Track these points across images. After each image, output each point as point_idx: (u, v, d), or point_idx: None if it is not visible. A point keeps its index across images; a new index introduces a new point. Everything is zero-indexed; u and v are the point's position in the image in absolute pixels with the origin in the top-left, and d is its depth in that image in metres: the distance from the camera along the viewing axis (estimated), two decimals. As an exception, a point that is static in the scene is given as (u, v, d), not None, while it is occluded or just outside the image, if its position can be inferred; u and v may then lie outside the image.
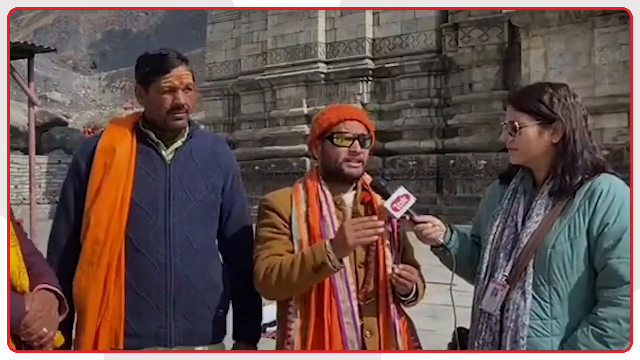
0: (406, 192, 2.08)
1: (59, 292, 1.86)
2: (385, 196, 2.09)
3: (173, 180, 2.15)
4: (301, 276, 1.97)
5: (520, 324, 1.88)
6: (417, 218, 2.09)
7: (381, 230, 1.98)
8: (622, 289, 1.80)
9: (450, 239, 2.14)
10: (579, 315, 1.87)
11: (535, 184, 2.04)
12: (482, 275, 2.02)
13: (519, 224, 1.98)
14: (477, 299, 2.04)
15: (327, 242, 1.96)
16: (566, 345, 1.85)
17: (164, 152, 2.18)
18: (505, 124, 2.03)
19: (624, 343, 1.81)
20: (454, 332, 2.10)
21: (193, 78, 2.19)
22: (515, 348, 1.89)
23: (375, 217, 1.99)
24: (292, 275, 1.98)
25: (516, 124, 1.97)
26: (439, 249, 2.14)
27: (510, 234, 1.98)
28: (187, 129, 2.23)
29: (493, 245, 2.02)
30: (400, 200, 2.06)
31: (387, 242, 2.12)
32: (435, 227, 2.09)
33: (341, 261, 1.97)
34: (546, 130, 1.96)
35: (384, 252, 2.10)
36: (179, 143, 2.20)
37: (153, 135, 2.18)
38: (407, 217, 2.08)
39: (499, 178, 2.18)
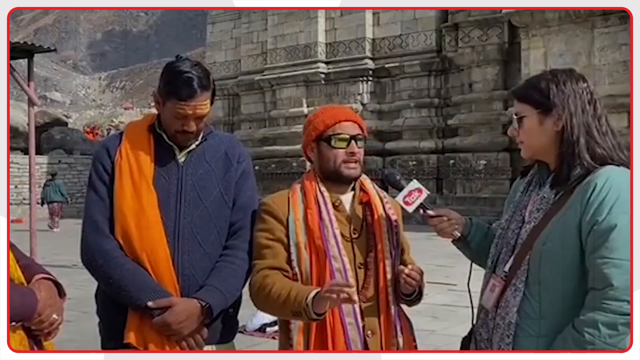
0: (419, 185, 2.05)
1: (56, 279, 1.88)
2: (399, 189, 2.07)
3: (185, 181, 2.15)
4: (282, 312, 2.03)
5: (507, 322, 1.82)
6: (431, 212, 2.04)
7: (345, 293, 1.82)
8: (605, 292, 1.66)
9: (469, 232, 2.07)
10: (570, 317, 1.74)
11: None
12: (487, 270, 1.98)
13: (526, 219, 1.90)
14: (481, 293, 1.99)
15: (312, 295, 1.91)
16: (552, 348, 1.75)
17: (177, 154, 2.19)
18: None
19: (606, 350, 1.65)
20: (470, 329, 2.07)
21: (213, 95, 2.16)
22: (502, 346, 1.82)
23: (350, 284, 1.86)
24: (275, 305, 2.01)
25: (516, 115, 1.92)
26: (458, 243, 2.09)
27: (515, 229, 1.91)
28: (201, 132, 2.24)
29: (499, 240, 1.96)
30: (412, 195, 2.04)
31: (386, 242, 2.11)
32: (451, 221, 2.04)
33: (320, 315, 1.92)
34: (547, 119, 1.86)
35: (382, 252, 2.10)
36: (192, 146, 2.20)
37: (166, 137, 2.18)
38: (421, 211, 2.04)
39: (520, 172, 2.10)
